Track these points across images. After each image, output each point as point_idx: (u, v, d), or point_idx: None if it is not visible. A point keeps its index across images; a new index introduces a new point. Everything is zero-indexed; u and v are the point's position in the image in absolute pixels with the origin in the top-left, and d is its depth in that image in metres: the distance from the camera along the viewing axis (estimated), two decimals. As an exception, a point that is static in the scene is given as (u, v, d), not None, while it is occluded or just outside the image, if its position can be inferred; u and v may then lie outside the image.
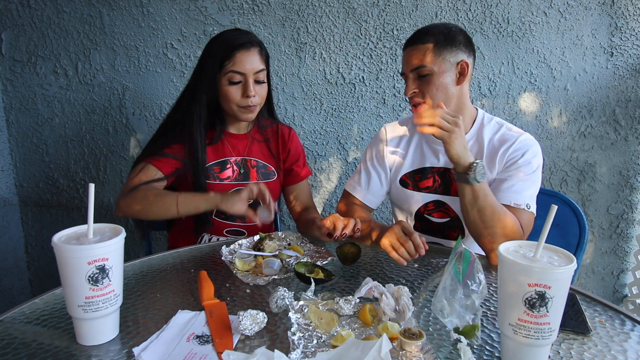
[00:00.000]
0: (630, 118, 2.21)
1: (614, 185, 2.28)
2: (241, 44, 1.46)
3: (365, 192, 1.56)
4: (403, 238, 1.18)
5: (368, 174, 1.57)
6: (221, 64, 1.46)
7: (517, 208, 1.31)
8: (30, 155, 2.33)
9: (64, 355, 0.84)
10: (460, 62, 1.39)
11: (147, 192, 1.40)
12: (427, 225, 1.52)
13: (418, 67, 1.38)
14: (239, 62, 1.45)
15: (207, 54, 1.50)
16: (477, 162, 1.24)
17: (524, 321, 0.76)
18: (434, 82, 1.37)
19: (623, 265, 2.38)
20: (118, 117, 2.24)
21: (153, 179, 1.45)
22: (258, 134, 1.67)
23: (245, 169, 1.61)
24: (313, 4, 2.10)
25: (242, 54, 1.45)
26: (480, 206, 1.26)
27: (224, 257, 1.26)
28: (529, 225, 1.32)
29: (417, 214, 1.52)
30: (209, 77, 1.47)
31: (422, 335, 0.84)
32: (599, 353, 0.85)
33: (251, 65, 1.46)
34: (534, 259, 0.78)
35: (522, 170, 1.36)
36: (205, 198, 1.37)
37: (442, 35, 1.38)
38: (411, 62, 1.40)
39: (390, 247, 1.19)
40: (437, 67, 1.37)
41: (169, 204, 1.37)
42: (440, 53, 1.37)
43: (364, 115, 2.23)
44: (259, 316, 0.90)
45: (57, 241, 0.83)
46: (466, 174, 1.24)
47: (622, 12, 2.10)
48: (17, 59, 2.21)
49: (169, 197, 1.38)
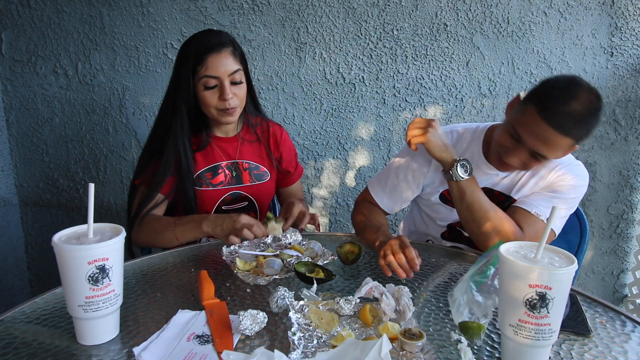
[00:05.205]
0: (630, 118, 2.21)
1: (614, 185, 2.28)
2: (211, 47, 1.41)
3: (385, 198, 1.50)
4: (396, 250, 1.14)
5: (397, 182, 1.49)
6: (194, 69, 1.41)
7: (536, 217, 1.30)
8: (30, 155, 2.33)
9: (64, 355, 0.84)
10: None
11: (150, 227, 1.42)
12: (456, 236, 1.51)
13: (541, 155, 1.25)
14: (212, 66, 1.40)
15: (180, 61, 1.46)
16: (460, 159, 1.30)
17: (525, 322, 0.76)
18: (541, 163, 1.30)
19: (623, 265, 2.38)
20: (118, 117, 2.24)
21: (156, 202, 1.45)
22: (248, 134, 1.63)
23: (237, 172, 1.58)
24: (313, 4, 2.10)
25: (214, 58, 1.40)
26: (468, 202, 1.29)
27: (225, 257, 1.26)
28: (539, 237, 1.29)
29: (449, 225, 1.51)
30: (184, 84, 1.43)
31: (423, 335, 0.84)
32: (600, 354, 0.85)
33: (224, 68, 1.41)
34: (535, 259, 0.78)
35: (562, 193, 1.34)
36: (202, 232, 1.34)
37: (587, 133, 1.24)
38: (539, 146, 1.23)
39: (381, 254, 1.16)
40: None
41: (170, 239, 1.38)
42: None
43: (364, 115, 2.23)
44: (259, 316, 0.90)
45: (57, 241, 0.83)
46: (450, 170, 1.30)
47: (622, 12, 2.10)
48: (17, 59, 2.21)
49: (168, 232, 1.38)
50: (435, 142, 1.31)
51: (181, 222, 1.37)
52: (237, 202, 1.59)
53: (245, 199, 1.60)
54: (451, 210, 1.46)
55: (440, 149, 1.31)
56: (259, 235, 1.25)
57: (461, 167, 1.29)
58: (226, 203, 1.57)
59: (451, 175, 1.30)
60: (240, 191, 1.58)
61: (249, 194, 1.60)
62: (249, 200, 1.60)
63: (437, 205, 1.50)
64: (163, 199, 1.47)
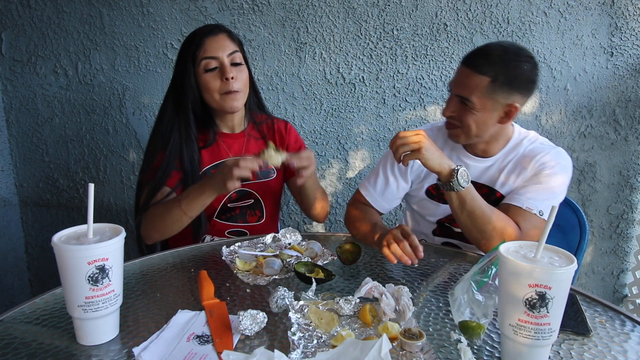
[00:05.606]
0: (630, 118, 2.20)
1: (614, 185, 2.28)
2: (208, 32, 1.47)
3: (378, 198, 1.51)
4: (399, 238, 1.16)
5: (386, 179, 1.51)
6: (194, 55, 1.45)
7: (528, 211, 1.30)
8: (30, 155, 2.33)
9: (64, 355, 0.84)
10: (511, 104, 1.30)
11: (155, 213, 1.41)
12: (447, 232, 1.52)
13: (463, 97, 1.32)
14: (210, 48, 1.45)
15: (181, 53, 1.51)
16: (458, 167, 1.23)
17: (524, 322, 0.76)
18: (474, 116, 1.32)
19: (623, 265, 2.37)
20: (118, 117, 2.24)
21: (163, 195, 1.45)
22: (254, 131, 1.64)
23: None
24: (313, 4, 2.10)
25: (211, 40, 1.46)
26: (469, 210, 1.25)
27: (225, 257, 1.26)
28: (537, 231, 1.29)
29: (438, 221, 1.52)
30: (186, 75, 1.47)
31: (423, 335, 0.84)
32: (599, 354, 0.85)
33: (223, 48, 1.46)
34: (535, 259, 0.78)
35: (547, 180, 1.34)
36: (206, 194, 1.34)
37: (504, 71, 1.27)
38: (459, 87, 1.33)
39: (384, 243, 1.18)
40: (482, 105, 1.30)
41: (178, 216, 1.37)
42: (492, 92, 1.28)
43: (364, 115, 2.23)
44: (259, 316, 0.90)
45: (57, 241, 0.83)
46: (450, 181, 1.23)
47: (622, 12, 2.10)
48: (17, 59, 2.21)
49: (174, 211, 1.37)
50: (432, 155, 1.22)
51: (183, 196, 1.37)
52: (243, 199, 1.59)
53: (251, 195, 1.59)
54: (437, 205, 1.48)
55: (437, 161, 1.23)
56: (254, 167, 1.26)
57: (460, 176, 1.22)
58: (232, 200, 1.57)
59: (451, 186, 1.23)
60: (246, 188, 1.58)
61: (255, 191, 1.60)
62: (255, 198, 1.60)
63: (424, 201, 1.51)
64: (170, 192, 1.46)
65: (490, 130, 1.36)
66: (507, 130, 1.42)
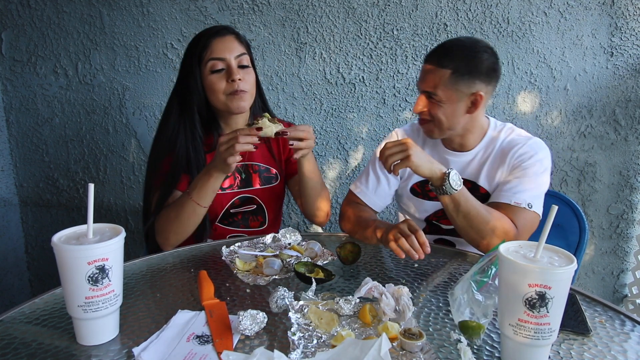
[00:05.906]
0: (630, 118, 2.20)
1: (614, 185, 2.28)
2: (216, 33, 1.45)
3: (371, 195, 1.53)
4: (406, 233, 1.17)
5: (377, 177, 1.53)
6: (200, 56, 1.43)
7: (517, 207, 1.31)
8: (30, 155, 2.33)
9: (64, 355, 0.84)
10: (475, 93, 1.35)
11: (167, 215, 1.38)
12: (436, 230, 1.53)
13: (429, 92, 1.37)
14: (217, 49, 1.42)
15: (187, 54, 1.49)
16: (449, 170, 1.24)
17: (524, 321, 0.76)
18: (442, 108, 1.36)
19: (623, 265, 2.37)
20: (118, 117, 2.24)
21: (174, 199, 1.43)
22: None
23: (246, 174, 1.57)
24: (313, 4, 2.10)
25: (219, 41, 1.43)
26: (464, 212, 1.26)
27: (224, 257, 1.26)
28: (531, 224, 1.32)
29: (426, 219, 1.53)
30: (191, 76, 1.44)
31: (422, 335, 0.84)
32: (599, 353, 0.85)
33: (230, 50, 1.43)
34: (534, 259, 0.78)
35: (528, 171, 1.35)
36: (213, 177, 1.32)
37: (463, 62, 1.33)
38: (424, 83, 1.38)
39: (392, 237, 1.18)
40: (447, 97, 1.34)
41: (192, 208, 1.35)
42: (455, 84, 1.33)
43: (364, 115, 2.23)
44: (259, 316, 0.90)
45: (57, 241, 0.83)
46: (442, 185, 1.24)
47: (622, 12, 2.10)
48: (17, 59, 2.21)
49: (186, 204, 1.35)
50: (421, 162, 1.24)
51: (192, 188, 1.35)
52: (246, 204, 1.58)
53: (254, 201, 1.58)
54: (422, 202, 1.51)
55: (428, 166, 1.25)
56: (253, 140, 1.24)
57: (452, 179, 1.23)
58: (234, 206, 1.56)
59: (444, 189, 1.24)
60: (249, 195, 1.57)
61: (258, 197, 1.58)
62: (258, 204, 1.59)
63: (410, 199, 1.54)
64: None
65: (461, 121, 1.39)
66: (480, 122, 1.45)
